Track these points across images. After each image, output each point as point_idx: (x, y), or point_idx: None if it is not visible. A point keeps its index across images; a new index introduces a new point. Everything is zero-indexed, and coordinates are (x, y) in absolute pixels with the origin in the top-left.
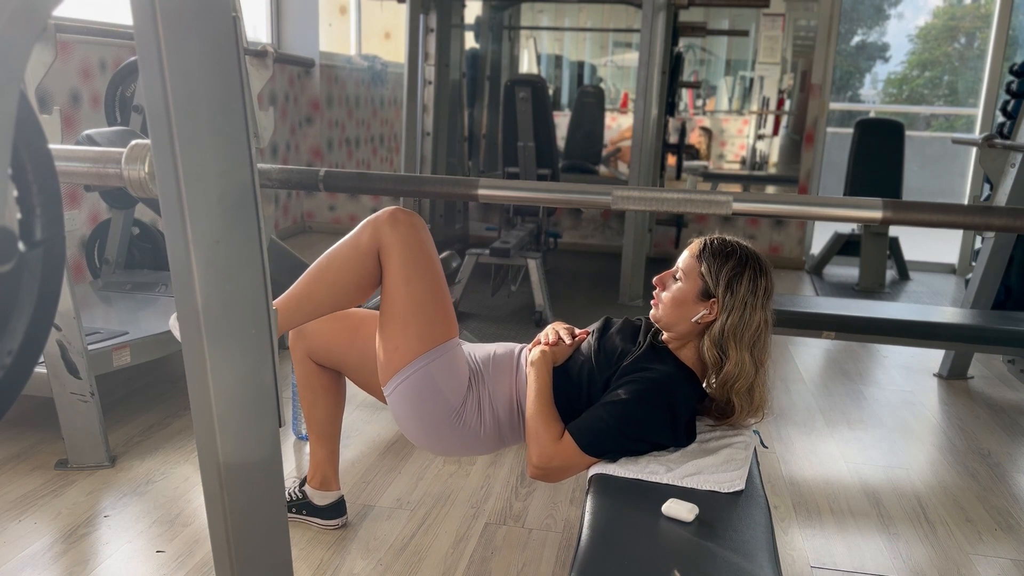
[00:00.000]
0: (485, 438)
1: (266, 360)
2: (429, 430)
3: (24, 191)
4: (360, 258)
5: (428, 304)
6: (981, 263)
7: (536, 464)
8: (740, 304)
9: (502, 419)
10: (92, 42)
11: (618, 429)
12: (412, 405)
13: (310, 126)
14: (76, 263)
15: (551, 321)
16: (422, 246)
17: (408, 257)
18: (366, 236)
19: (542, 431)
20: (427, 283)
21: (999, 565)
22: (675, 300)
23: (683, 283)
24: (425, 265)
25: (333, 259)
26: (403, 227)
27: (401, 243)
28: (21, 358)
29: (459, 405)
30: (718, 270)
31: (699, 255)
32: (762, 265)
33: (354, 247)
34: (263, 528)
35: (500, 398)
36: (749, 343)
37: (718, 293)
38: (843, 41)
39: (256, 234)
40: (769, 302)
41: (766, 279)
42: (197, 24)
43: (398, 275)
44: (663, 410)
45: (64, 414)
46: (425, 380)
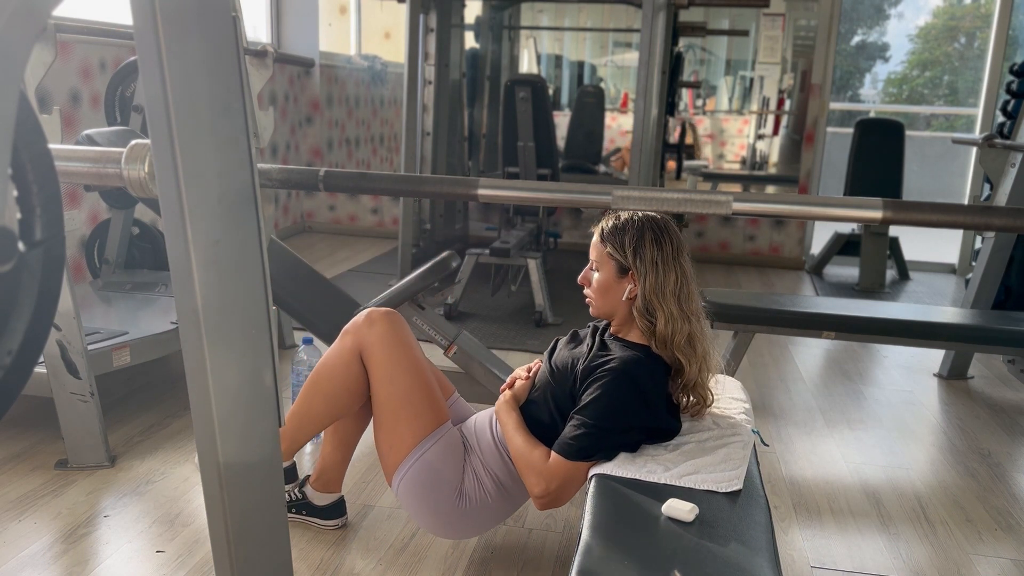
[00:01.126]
0: (495, 504)
1: (266, 360)
2: (441, 515)
3: (24, 191)
4: (346, 365)
5: (414, 397)
6: (981, 263)
7: (538, 494)
8: (652, 266)
9: (501, 479)
10: (92, 42)
11: (598, 428)
12: (418, 495)
13: (310, 126)
14: (76, 263)
15: (551, 321)
16: (400, 341)
17: (388, 355)
18: (348, 342)
19: (529, 460)
20: (410, 377)
21: (999, 565)
22: (601, 288)
23: (600, 271)
24: (405, 360)
25: (321, 371)
26: (379, 326)
27: (380, 342)
28: (21, 358)
29: (459, 482)
30: (621, 244)
31: (602, 240)
32: (659, 224)
33: (339, 355)
34: (263, 528)
35: (490, 458)
36: (673, 297)
37: (631, 263)
38: (843, 41)
39: (256, 234)
40: (681, 255)
41: (669, 235)
42: (197, 24)
43: (382, 374)
44: (633, 394)
45: (64, 414)
46: (424, 468)
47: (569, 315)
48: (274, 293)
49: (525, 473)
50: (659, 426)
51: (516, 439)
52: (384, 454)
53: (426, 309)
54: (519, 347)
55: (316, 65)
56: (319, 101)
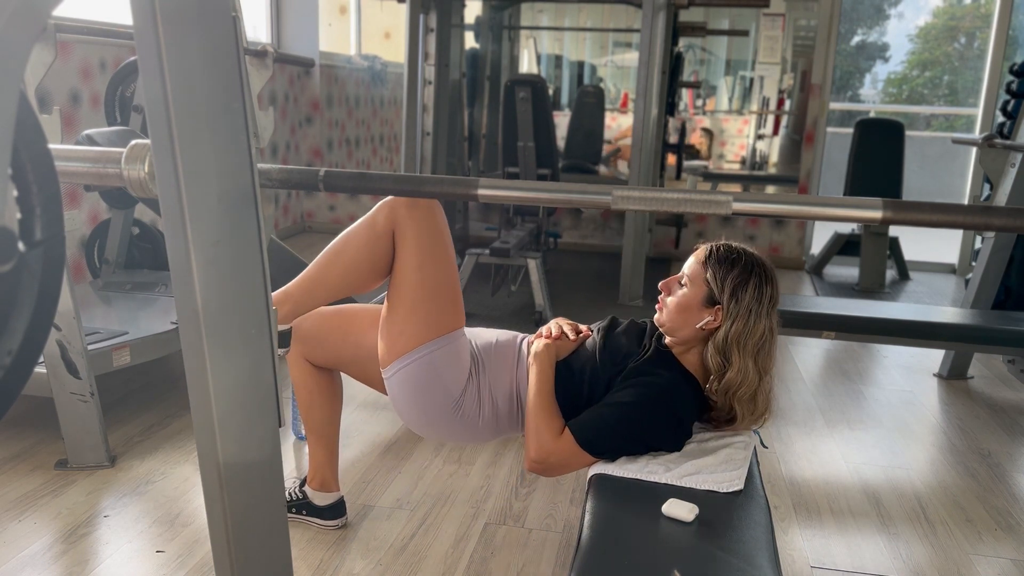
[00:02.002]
0: (483, 427)
1: (266, 360)
2: (426, 416)
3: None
4: (375, 239)
5: (439, 291)
6: (981, 263)
7: (534, 458)
8: (745, 311)
9: (501, 409)
10: (92, 42)
11: (621, 430)
12: (412, 391)
13: (310, 126)
14: (76, 263)
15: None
16: (439, 232)
17: (423, 241)
18: (382, 217)
19: (542, 426)
20: (440, 270)
21: (999, 565)
22: (680, 305)
23: (688, 289)
24: (440, 251)
25: (348, 241)
26: (421, 210)
27: (417, 226)
28: (21, 358)
29: (459, 395)
30: (724, 277)
31: (705, 261)
32: (767, 273)
33: (369, 227)
34: (263, 528)
35: (500, 389)
36: (753, 351)
37: (723, 300)
38: (843, 41)
39: (256, 234)
40: (774, 310)
41: (772, 287)
42: (197, 24)
43: (411, 259)
44: (668, 417)
45: (64, 414)
46: (428, 368)
47: (569, 315)
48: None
49: (532, 434)
50: (670, 448)
51: (540, 397)
52: (390, 339)
53: None
54: None
55: (316, 65)
56: (319, 101)
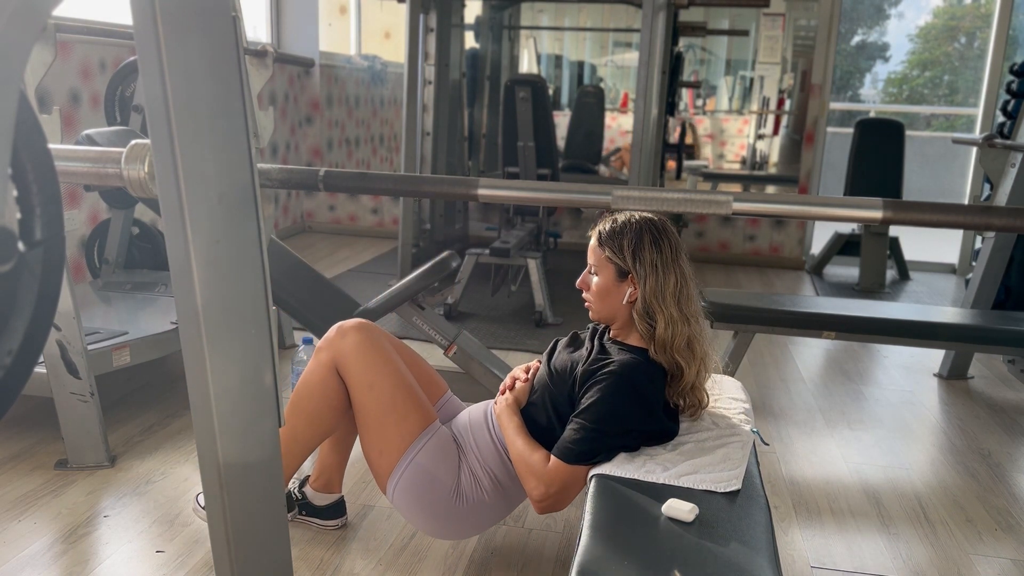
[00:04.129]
0: (492, 503)
1: (266, 360)
2: (439, 517)
3: (24, 191)
4: (323, 380)
5: (397, 400)
6: (981, 263)
7: (538, 498)
8: (651, 269)
9: (499, 477)
10: (92, 42)
11: (597, 432)
12: (414, 499)
13: (310, 126)
14: (76, 263)
15: (551, 321)
16: (375, 348)
17: (364, 363)
18: (323, 357)
19: (530, 464)
20: (389, 382)
21: (999, 565)
22: (600, 292)
23: (599, 275)
24: (382, 365)
25: (301, 391)
26: (351, 336)
27: (353, 352)
28: (21, 358)
29: (455, 483)
30: (619, 248)
31: (600, 243)
32: (657, 226)
33: (315, 371)
34: (263, 528)
35: (489, 458)
36: (673, 300)
37: (630, 267)
38: (843, 41)
39: (256, 234)
40: (679, 256)
41: (667, 237)
42: (197, 24)
43: (361, 383)
44: (633, 398)
45: (64, 414)
46: (417, 471)
47: (569, 315)
48: (274, 293)
49: (525, 477)
50: (658, 429)
51: (517, 443)
52: (375, 462)
53: (426, 309)
54: (519, 347)
55: (316, 65)
56: (319, 101)
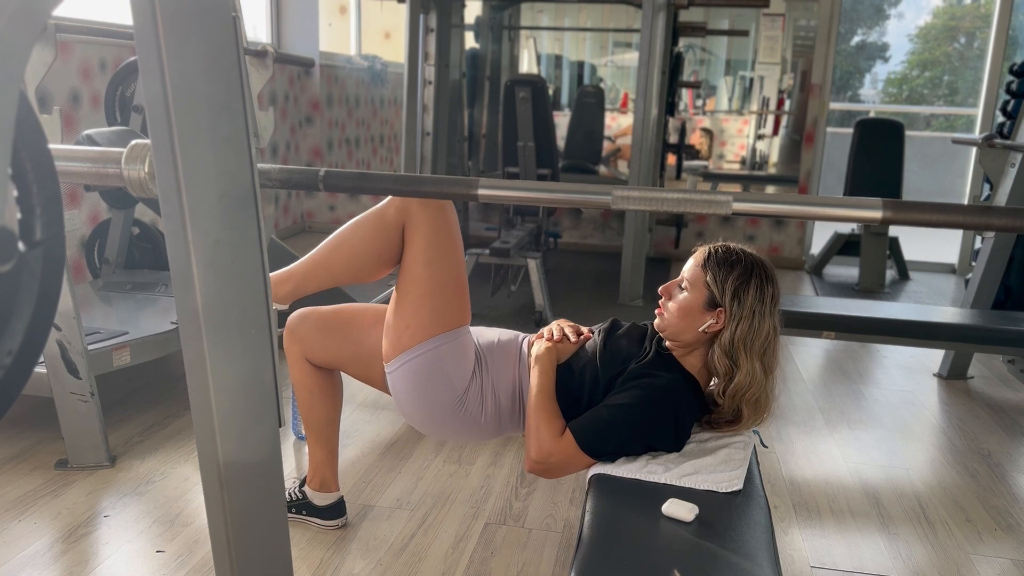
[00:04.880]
0: (485, 425)
1: (266, 360)
2: (429, 412)
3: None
4: (385, 230)
5: (447, 287)
6: (981, 263)
7: (535, 459)
8: (748, 313)
9: (504, 407)
10: (92, 42)
11: (621, 432)
12: (416, 385)
13: (310, 126)
14: (76, 263)
15: (551, 321)
16: (448, 228)
17: (433, 237)
18: (393, 209)
19: (543, 427)
20: (449, 266)
21: (999, 565)
22: (682, 310)
23: (689, 293)
24: (449, 248)
25: (356, 229)
26: (433, 207)
27: (428, 222)
28: (21, 358)
29: (463, 391)
30: (724, 279)
31: (704, 264)
32: (768, 272)
33: (379, 218)
34: (263, 528)
35: (503, 386)
36: (759, 352)
37: (725, 302)
38: (843, 41)
39: (256, 234)
40: (776, 309)
41: (773, 286)
42: (197, 24)
43: (420, 253)
44: (668, 418)
45: (64, 414)
46: (433, 363)
47: (569, 315)
48: None
49: (532, 435)
50: (669, 449)
51: (541, 398)
52: (397, 333)
53: None
54: None
55: (316, 65)
56: (319, 101)
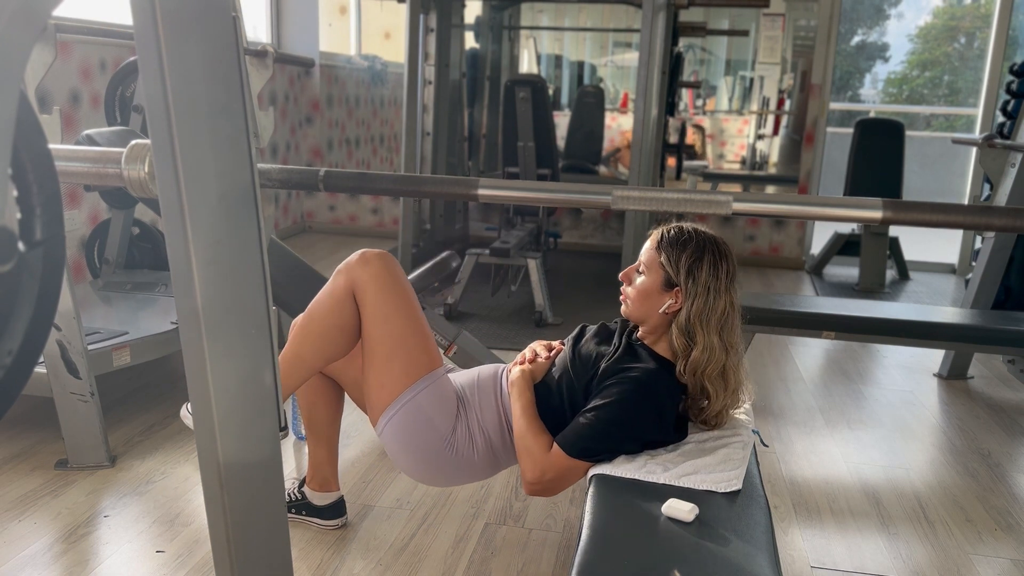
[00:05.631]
0: (480, 463)
1: (266, 360)
2: (424, 462)
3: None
4: (339, 304)
5: (408, 338)
6: (981, 263)
7: (531, 480)
8: (703, 289)
9: (494, 441)
10: (92, 42)
11: (607, 432)
12: (404, 439)
13: (310, 126)
14: (76, 263)
15: (551, 321)
16: (395, 282)
17: (382, 295)
18: (340, 281)
19: (531, 446)
20: (404, 318)
21: (999, 565)
22: (641, 293)
23: (646, 276)
24: (400, 301)
25: (313, 312)
26: (373, 266)
27: (373, 281)
28: (21, 358)
29: (450, 433)
30: (677, 258)
31: (658, 246)
32: (721, 248)
33: (330, 295)
34: (263, 528)
35: (489, 420)
36: (717, 327)
37: (680, 281)
38: (843, 41)
39: (256, 234)
40: (733, 284)
41: (727, 262)
42: (197, 24)
43: (375, 313)
44: (649, 408)
45: (64, 414)
46: (414, 412)
47: (569, 315)
48: (274, 293)
49: (523, 456)
50: (663, 439)
51: (524, 419)
52: (373, 395)
53: (426, 309)
54: (519, 347)
55: (316, 65)
56: (319, 101)
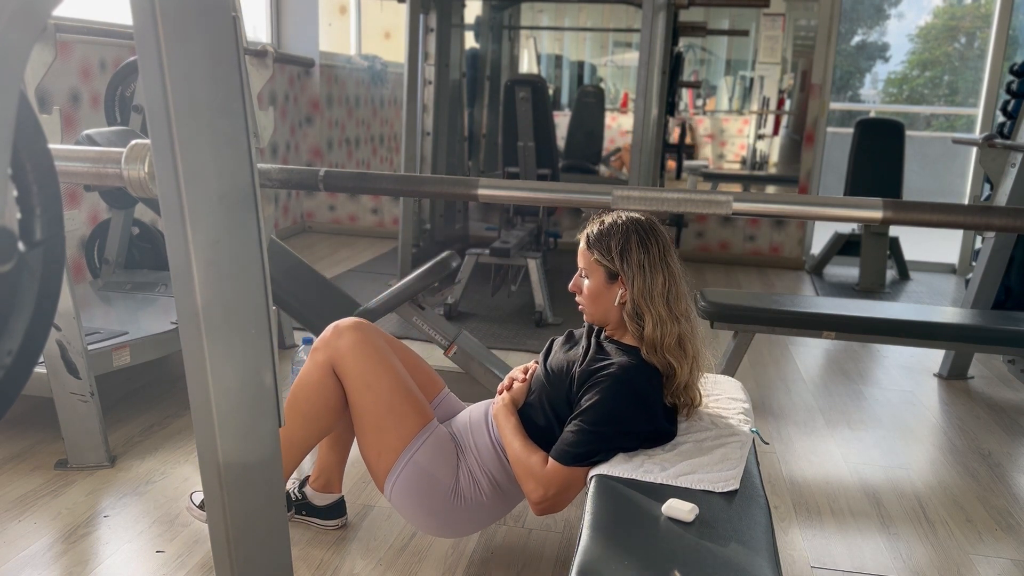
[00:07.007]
0: (490, 503)
1: (266, 360)
2: (437, 516)
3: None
4: (320, 381)
5: (394, 401)
6: (981, 263)
7: (536, 500)
8: (639, 269)
9: (497, 478)
10: (92, 42)
11: (596, 434)
12: (412, 499)
13: (310, 126)
14: (76, 263)
15: (551, 321)
16: (372, 348)
17: (361, 363)
18: (319, 358)
19: (528, 466)
20: (387, 381)
21: (999, 565)
22: (592, 296)
23: (590, 278)
24: (379, 365)
25: (297, 392)
26: (347, 336)
27: (350, 352)
28: (21, 358)
29: (454, 483)
30: (607, 250)
31: (588, 246)
32: (644, 226)
33: (312, 372)
34: (263, 528)
35: (487, 458)
36: (661, 300)
37: (619, 269)
38: (843, 41)
39: (256, 234)
40: (668, 255)
41: (655, 236)
42: (197, 24)
43: (358, 383)
44: (631, 399)
45: (64, 414)
46: (415, 471)
47: (569, 315)
48: (274, 293)
49: (523, 479)
50: (655, 431)
51: (514, 444)
52: (372, 462)
53: (426, 309)
54: (519, 347)
55: (316, 65)
56: (319, 101)
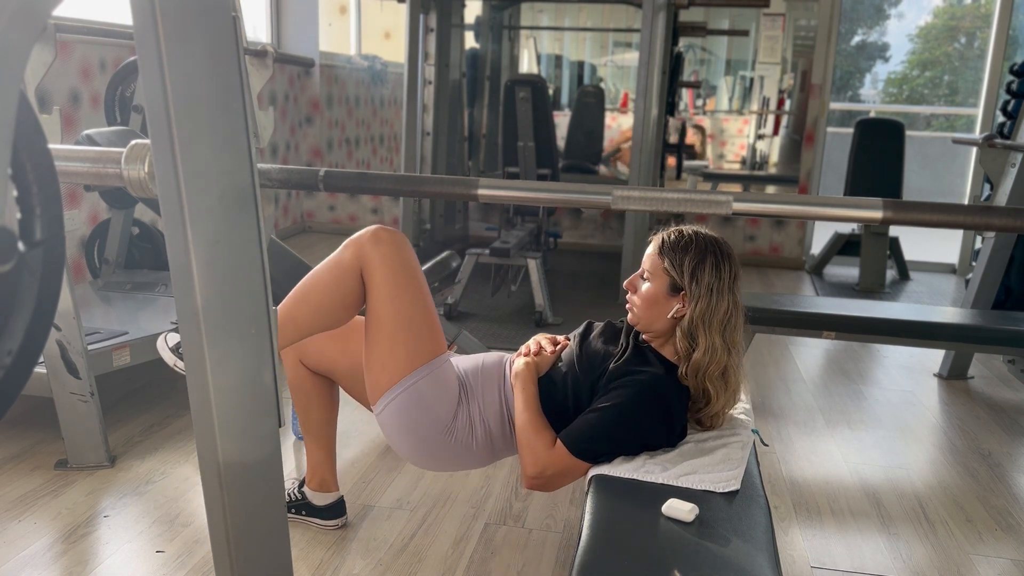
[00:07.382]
0: (477, 451)
1: (266, 360)
2: (421, 446)
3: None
4: (343, 277)
5: (414, 321)
6: (981, 263)
7: (531, 475)
8: (706, 291)
9: (494, 431)
10: (92, 42)
11: (612, 434)
12: (403, 423)
13: (310, 126)
14: (76, 263)
15: (551, 321)
16: (405, 263)
17: (392, 275)
18: (348, 255)
19: (534, 441)
20: (412, 300)
21: (999, 565)
22: (647, 300)
23: (651, 283)
24: (409, 282)
25: (315, 280)
26: (386, 246)
27: (384, 261)
28: (21, 358)
29: (450, 420)
30: (680, 262)
31: (660, 251)
32: (723, 250)
33: (336, 266)
34: (263, 528)
35: (490, 410)
36: (719, 328)
37: (685, 284)
38: (843, 41)
39: (256, 234)
40: (736, 285)
41: (729, 263)
42: (197, 24)
43: (383, 293)
44: (657, 413)
45: (64, 414)
46: (415, 397)
47: (569, 315)
48: (274, 293)
49: (524, 449)
50: (666, 444)
51: (527, 413)
52: (374, 373)
53: None
54: (519, 347)
55: (316, 65)
56: (319, 101)
